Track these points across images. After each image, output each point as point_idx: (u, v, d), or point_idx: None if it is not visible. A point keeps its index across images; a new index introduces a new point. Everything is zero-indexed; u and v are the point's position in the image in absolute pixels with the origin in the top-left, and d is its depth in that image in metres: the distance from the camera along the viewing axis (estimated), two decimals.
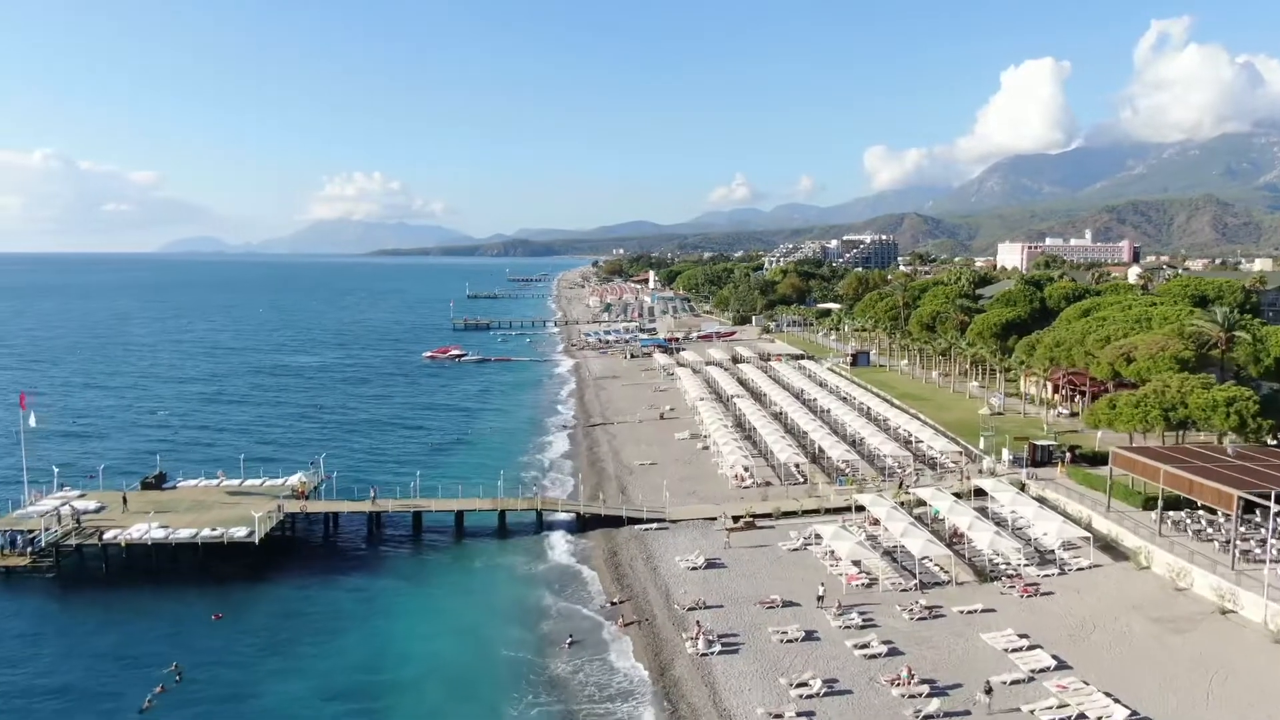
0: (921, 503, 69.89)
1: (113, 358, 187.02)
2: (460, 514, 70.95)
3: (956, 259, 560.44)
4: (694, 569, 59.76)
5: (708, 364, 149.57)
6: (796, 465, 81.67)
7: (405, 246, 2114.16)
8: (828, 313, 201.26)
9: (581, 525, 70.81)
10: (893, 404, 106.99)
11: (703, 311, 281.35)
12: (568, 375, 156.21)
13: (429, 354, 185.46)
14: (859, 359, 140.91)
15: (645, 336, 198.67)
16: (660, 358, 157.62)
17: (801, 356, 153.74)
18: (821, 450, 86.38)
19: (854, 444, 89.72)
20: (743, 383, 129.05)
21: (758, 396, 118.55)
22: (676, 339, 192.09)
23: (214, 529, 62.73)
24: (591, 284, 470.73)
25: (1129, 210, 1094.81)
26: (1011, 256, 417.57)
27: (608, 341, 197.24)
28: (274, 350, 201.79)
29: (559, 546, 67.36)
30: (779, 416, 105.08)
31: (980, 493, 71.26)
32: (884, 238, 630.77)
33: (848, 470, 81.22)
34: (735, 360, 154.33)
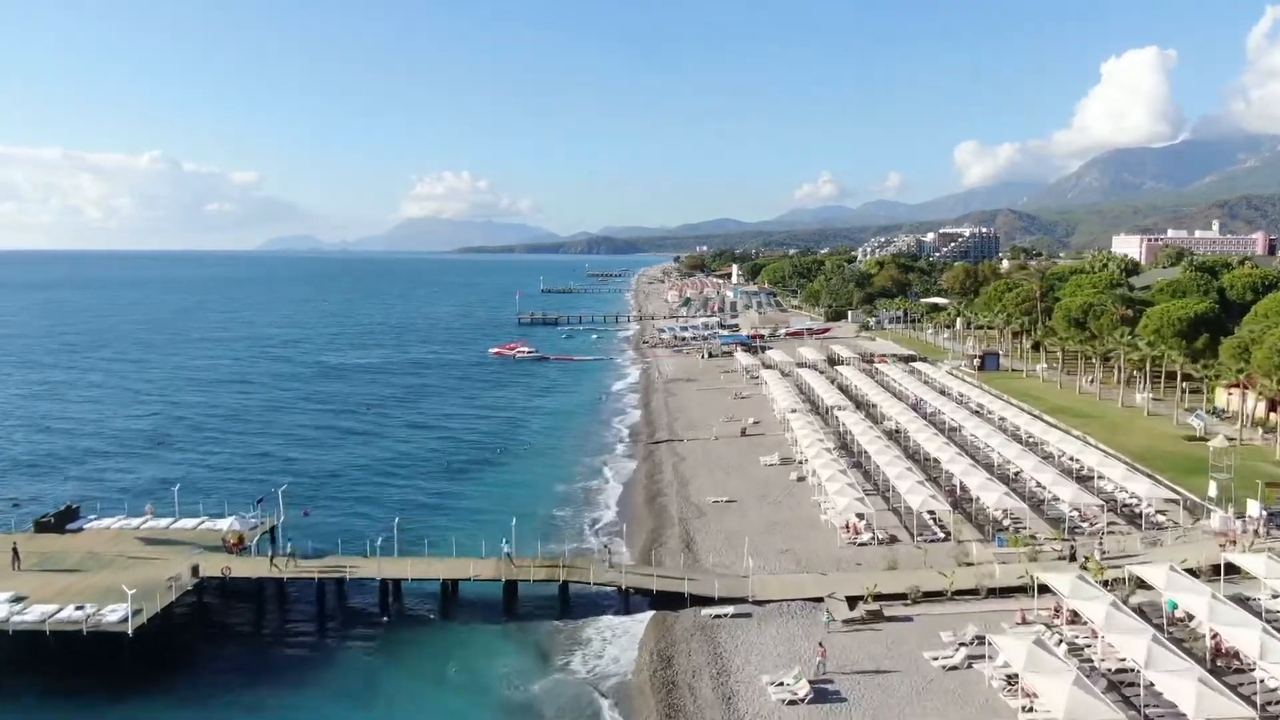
0: (1142, 584, 45.68)
1: (155, 350, 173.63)
2: (451, 584, 49.59)
3: (1061, 254, 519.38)
4: (793, 702, 37.16)
5: (799, 365, 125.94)
6: (932, 514, 58.06)
7: (492, 244, 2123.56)
8: (938, 307, 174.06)
9: (625, 603, 48.87)
10: (1048, 423, 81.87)
11: (790, 306, 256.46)
12: (635, 377, 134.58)
13: (495, 350, 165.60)
14: (987, 362, 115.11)
15: (726, 333, 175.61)
16: (743, 357, 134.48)
17: (913, 358, 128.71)
18: (963, 489, 62.48)
19: (1006, 479, 65.53)
20: (844, 389, 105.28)
21: (865, 408, 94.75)
22: (761, 336, 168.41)
23: (79, 607, 42.80)
24: (672, 279, 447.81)
25: (1242, 205, 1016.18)
26: (1127, 250, 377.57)
27: (683, 339, 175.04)
28: (324, 347, 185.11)
29: (585, 643, 45.35)
30: (895, 436, 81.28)
31: (1231, 570, 46.63)
32: (983, 231, 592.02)
33: (1007, 523, 57.28)
34: (832, 361, 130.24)
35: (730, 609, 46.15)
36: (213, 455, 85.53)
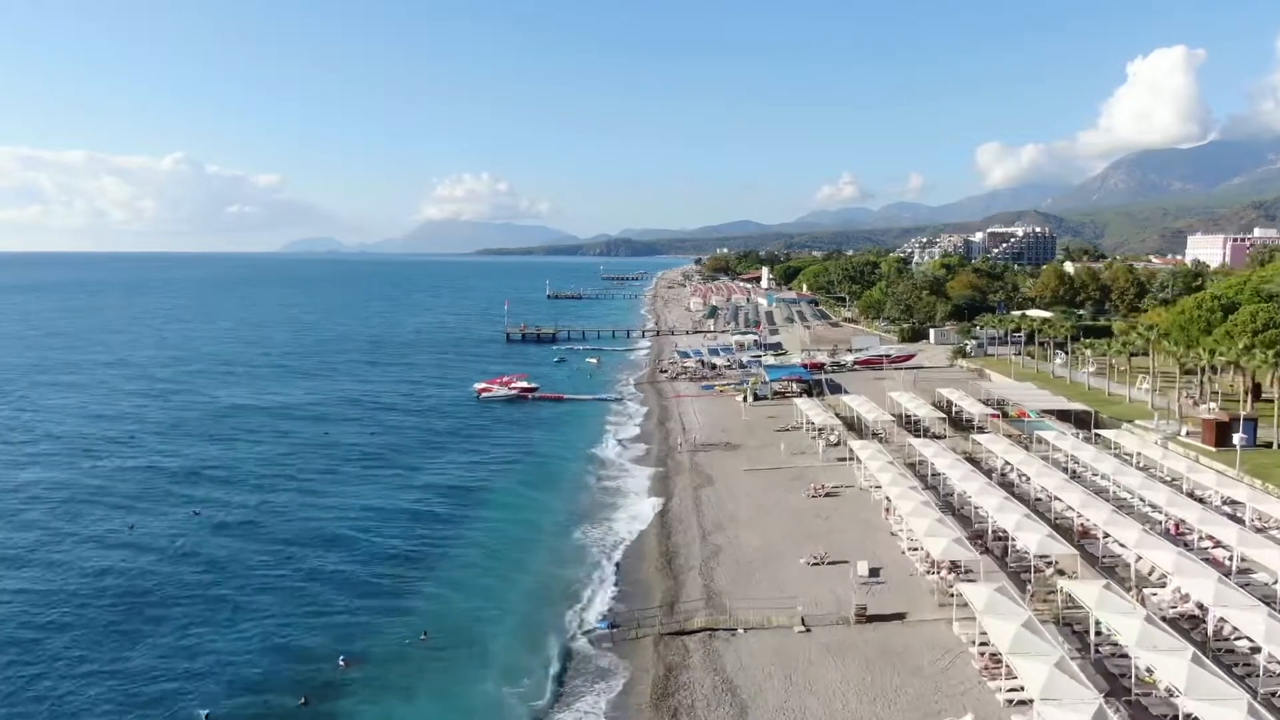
0: None
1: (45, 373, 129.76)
2: None
3: (1117, 255, 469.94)
4: None
5: (909, 428, 79.68)
6: None
7: (511, 246, 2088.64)
8: (1117, 332, 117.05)
9: None
10: None
11: (842, 319, 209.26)
12: (645, 440, 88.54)
13: (481, 386, 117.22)
14: (1238, 429, 66.72)
15: (772, 360, 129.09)
16: (808, 408, 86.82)
17: (1084, 417, 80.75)
18: None
19: None
20: (1009, 486, 58.82)
21: (1070, 536, 48.42)
22: (821, 365, 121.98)
23: None
24: (694, 283, 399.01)
25: (1279, 205, 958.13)
26: (1207, 251, 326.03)
27: (714, 365, 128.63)
28: (244, 375, 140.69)
29: None
30: (1225, 653, 35.14)
31: None
32: (1037, 230, 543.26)
33: None
34: (957, 422, 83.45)
35: None
36: None
